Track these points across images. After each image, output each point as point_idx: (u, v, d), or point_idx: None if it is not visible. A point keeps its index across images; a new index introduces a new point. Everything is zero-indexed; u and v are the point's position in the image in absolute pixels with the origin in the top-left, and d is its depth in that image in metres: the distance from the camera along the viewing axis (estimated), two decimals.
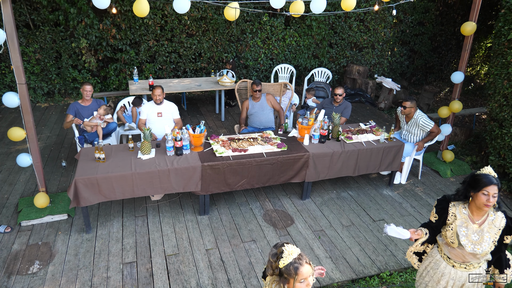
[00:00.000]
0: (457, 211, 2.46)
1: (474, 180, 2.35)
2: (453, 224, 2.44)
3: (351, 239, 4.10)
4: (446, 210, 2.50)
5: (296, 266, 1.75)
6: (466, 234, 2.40)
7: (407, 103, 4.94)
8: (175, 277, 3.46)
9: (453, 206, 2.48)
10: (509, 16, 4.79)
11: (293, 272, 1.75)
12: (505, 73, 4.92)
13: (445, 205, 2.51)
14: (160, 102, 4.86)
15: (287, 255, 1.77)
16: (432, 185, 5.27)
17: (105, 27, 7.40)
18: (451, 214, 2.47)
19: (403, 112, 5.00)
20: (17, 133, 3.89)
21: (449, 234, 2.47)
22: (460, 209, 2.46)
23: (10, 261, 3.55)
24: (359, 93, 8.73)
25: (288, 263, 1.76)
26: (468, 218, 2.42)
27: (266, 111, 5.33)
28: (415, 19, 9.65)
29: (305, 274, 1.76)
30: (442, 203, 2.54)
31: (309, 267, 1.78)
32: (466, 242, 2.39)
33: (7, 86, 7.43)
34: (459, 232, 2.41)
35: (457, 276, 2.54)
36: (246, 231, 4.14)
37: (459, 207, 2.46)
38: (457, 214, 2.45)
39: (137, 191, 3.90)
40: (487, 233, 2.38)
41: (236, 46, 8.63)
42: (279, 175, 4.39)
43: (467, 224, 2.41)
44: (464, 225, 2.42)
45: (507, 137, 4.92)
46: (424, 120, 4.90)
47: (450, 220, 2.47)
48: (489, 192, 2.27)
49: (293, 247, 1.81)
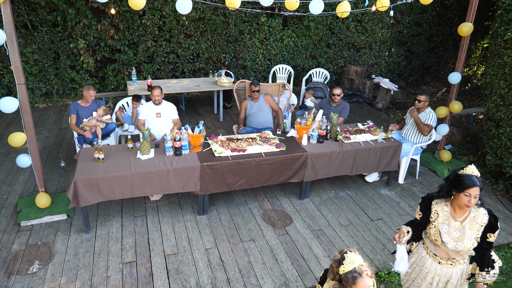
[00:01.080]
0: (439, 209, 2.48)
1: (457, 180, 2.35)
2: (436, 222, 2.47)
3: (350, 238, 4.13)
4: (429, 207, 2.52)
5: (355, 275, 1.73)
6: (448, 231, 2.43)
7: (421, 96, 4.97)
8: (174, 277, 3.48)
9: (436, 204, 2.50)
10: (506, 16, 4.83)
11: (350, 281, 1.73)
12: (501, 73, 4.96)
13: (428, 202, 2.53)
14: (158, 103, 4.88)
15: (348, 263, 1.77)
16: (430, 185, 5.31)
17: (103, 27, 7.41)
18: (433, 212, 2.49)
19: (417, 105, 5.02)
20: (18, 138, 3.82)
21: (432, 231, 2.50)
22: (442, 207, 2.48)
23: (9, 261, 3.55)
24: (356, 94, 8.76)
25: (348, 271, 1.75)
26: (450, 215, 2.45)
27: (265, 112, 5.36)
28: (412, 20, 9.70)
29: (362, 286, 1.72)
30: (425, 200, 2.55)
31: (370, 280, 1.74)
32: (448, 239, 2.42)
33: (5, 87, 7.43)
34: (441, 229, 2.44)
35: (442, 272, 2.57)
36: (245, 230, 4.16)
37: (441, 205, 2.48)
38: (439, 211, 2.47)
39: (137, 191, 3.92)
40: (468, 230, 2.40)
41: (234, 46, 8.65)
42: (277, 175, 4.41)
43: (449, 221, 2.44)
44: (446, 223, 2.44)
45: (503, 136, 4.96)
46: (432, 115, 4.98)
47: (433, 217, 2.50)
48: (471, 193, 2.28)
49: (356, 255, 1.80)
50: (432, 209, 2.50)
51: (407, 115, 5.31)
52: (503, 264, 3.93)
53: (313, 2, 4.24)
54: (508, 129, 4.88)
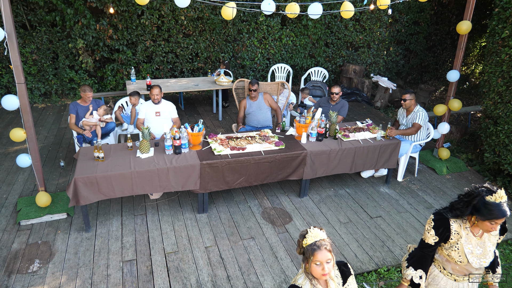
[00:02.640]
0: (460, 229, 2.23)
1: (485, 208, 2.08)
2: (459, 243, 2.24)
3: (349, 235, 4.14)
4: (448, 229, 2.24)
5: (314, 248, 1.85)
6: (471, 250, 2.23)
7: (406, 95, 5.01)
8: (175, 274, 3.49)
9: (455, 223, 2.24)
10: (503, 15, 4.85)
11: (310, 253, 1.86)
12: (499, 71, 4.99)
13: (446, 224, 2.25)
14: (158, 102, 4.89)
15: (310, 236, 1.89)
16: (429, 182, 5.33)
17: (102, 27, 7.41)
18: (454, 233, 2.24)
19: (404, 105, 5.05)
20: (18, 134, 3.90)
21: (455, 254, 2.27)
22: (462, 226, 2.24)
23: (10, 260, 3.56)
24: (355, 92, 8.78)
25: (309, 244, 1.88)
26: (470, 233, 2.24)
27: (264, 110, 5.37)
28: (410, 19, 9.73)
29: (319, 258, 1.84)
30: (442, 222, 2.26)
31: (328, 254, 1.85)
32: (473, 259, 2.23)
33: (4, 87, 7.42)
34: (465, 250, 2.23)
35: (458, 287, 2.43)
36: (244, 228, 4.17)
37: (460, 223, 2.24)
38: (461, 231, 2.23)
39: (136, 190, 3.93)
40: (488, 243, 2.25)
41: (233, 46, 8.66)
42: (277, 173, 4.43)
43: (470, 239, 2.24)
44: (468, 242, 2.23)
45: (501, 134, 4.99)
46: (421, 113, 4.94)
47: (453, 239, 2.25)
48: (498, 222, 2.08)
49: (319, 231, 1.91)
50: (452, 230, 2.23)
51: (399, 116, 5.33)
52: (502, 261, 3.96)
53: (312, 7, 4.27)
54: (506, 126, 4.90)
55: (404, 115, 5.20)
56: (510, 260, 3.99)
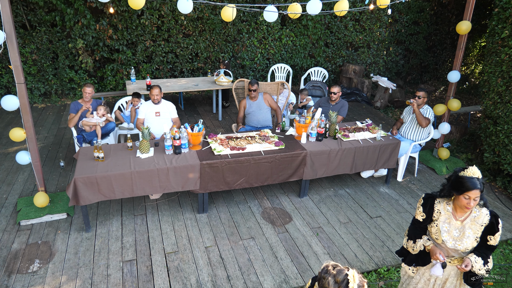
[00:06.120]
0: (442, 208, 2.48)
1: (457, 181, 2.33)
2: (438, 220, 2.48)
3: (349, 235, 4.14)
4: (432, 207, 2.51)
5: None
6: (448, 230, 2.43)
7: (420, 93, 5.02)
8: (175, 274, 3.49)
9: (439, 203, 2.50)
10: (502, 15, 4.86)
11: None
12: (499, 71, 4.99)
13: (431, 202, 2.52)
14: (158, 102, 4.89)
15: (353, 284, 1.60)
16: (428, 182, 5.33)
17: (102, 27, 7.41)
18: (436, 211, 2.49)
19: (417, 102, 5.05)
20: (18, 134, 3.90)
21: (433, 230, 2.50)
22: (444, 205, 2.48)
23: (10, 260, 3.56)
24: (355, 92, 8.79)
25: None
26: (452, 214, 2.45)
27: (264, 110, 5.37)
28: (410, 19, 9.74)
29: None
30: (428, 200, 2.53)
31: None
32: (448, 238, 2.43)
33: (4, 87, 7.42)
34: (442, 228, 2.45)
35: None
36: (244, 228, 4.18)
37: (444, 204, 2.48)
38: (442, 210, 2.47)
39: (136, 191, 3.93)
40: (468, 229, 2.39)
41: (233, 46, 8.66)
42: (277, 173, 4.43)
43: (449, 220, 2.44)
44: (447, 221, 2.45)
45: (501, 134, 4.99)
46: (430, 110, 5.06)
47: (435, 216, 2.49)
48: (471, 196, 2.26)
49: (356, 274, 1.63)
50: (435, 208, 2.49)
51: (404, 113, 5.34)
52: (501, 260, 3.96)
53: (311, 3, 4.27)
54: (506, 126, 4.90)
55: (411, 111, 5.20)
56: (510, 260, 3.99)
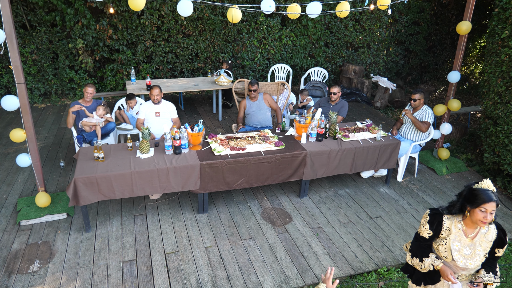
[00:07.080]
0: (452, 225, 2.35)
1: (472, 195, 2.22)
2: (447, 239, 2.36)
3: (349, 235, 4.15)
4: (440, 224, 2.38)
5: None
6: (458, 248, 2.33)
7: (416, 95, 4.99)
8: (175, 275, 3.49)
9: (448, 220, 2.36)
10: (502, 15, 4.86)
11: None
12: (499, 71, 4.99)
13: (439, 218, 2.38)
14: (158, 102, 4.89)
15: None
16: (428, 183, 5.33)
17: (102, 27, 7.41)
18: (445, 228, 2.36)
19: (413, 105, 5.05)
20: (18, 134, 3.90)
21: (442, 248, 2.39)
22: (455, 223, 2.35)
23: (10, 260, 3.56)
24: (355, 92, 8.79)
25: None
26: (462, 232, 2.34)
27: (264, 110, 5.37)
28: (410, 19, 9.74)
29: None
30: (436, 217, 2.39)
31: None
32: (458, 257, 2.33)
33: (4, 87, 7.42)
34: (452, 246, 2.34)
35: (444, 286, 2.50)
36: (244, 228, 4.18)
37: (454, 221, 2.36)
38: (452, 228, 2.35)
39: (136, 191, 3.92)
40: (479, 247, 2.32)
41: (233, 46, 8.66)
42: (277, 174, 4.43)
43: (460, 238, 2.33)
44: (457, 239, 2.34)
45: (501, 134, 4.99)
46: (429, 111, 5.01)
47: (444, 234, 2.37)
48: (487, 209, 2.15)
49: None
50: (443, 225, 2.36)
51: (403, 115, 5.33)
52: (501, 260, 3.96)
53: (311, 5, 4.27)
54: (506, 126, 4.91)
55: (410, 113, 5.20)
56: (510, 260, 3.99)
